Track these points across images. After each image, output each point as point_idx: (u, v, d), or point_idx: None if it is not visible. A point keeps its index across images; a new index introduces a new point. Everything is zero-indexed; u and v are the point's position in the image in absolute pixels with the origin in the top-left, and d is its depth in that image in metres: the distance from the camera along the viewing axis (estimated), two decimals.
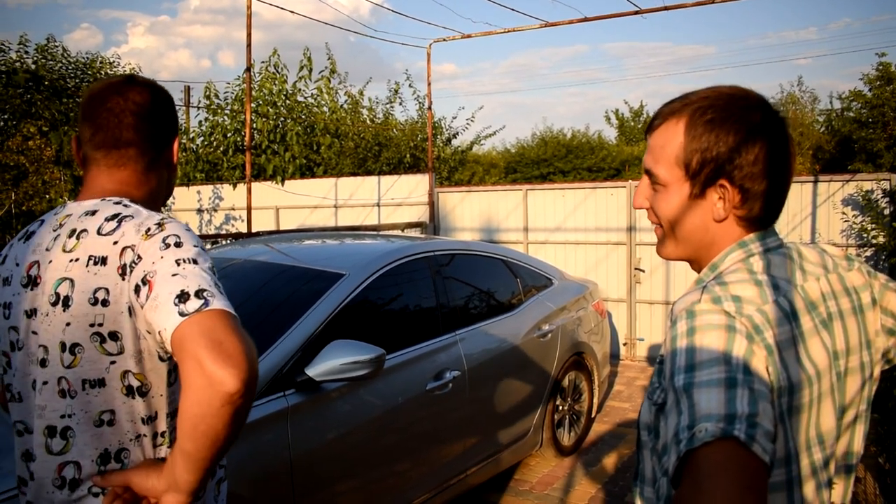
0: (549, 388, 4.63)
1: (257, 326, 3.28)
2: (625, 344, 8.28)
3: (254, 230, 8.14)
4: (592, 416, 5.36)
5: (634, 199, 1.32)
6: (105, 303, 1.34)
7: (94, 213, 1.43)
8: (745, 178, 1.17)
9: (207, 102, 15.38)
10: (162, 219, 1.40)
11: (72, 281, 1.36)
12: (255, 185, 10.82)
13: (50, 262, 1.41)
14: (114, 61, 20.42)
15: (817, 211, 7.21)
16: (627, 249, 8.17)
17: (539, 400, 4.55)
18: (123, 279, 1.34)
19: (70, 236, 1.41)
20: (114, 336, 1.35)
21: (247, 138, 7.81)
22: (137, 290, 1.31)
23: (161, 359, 1.39)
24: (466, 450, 3.88)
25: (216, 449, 1.23)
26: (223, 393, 1.18)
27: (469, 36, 9.80)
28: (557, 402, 4.82)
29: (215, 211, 12.21)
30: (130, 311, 1.34)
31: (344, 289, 3.39)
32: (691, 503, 0.92)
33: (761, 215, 1.21)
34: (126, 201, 1.46)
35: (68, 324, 1.36)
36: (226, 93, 15.98)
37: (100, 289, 1.35)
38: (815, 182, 7.24)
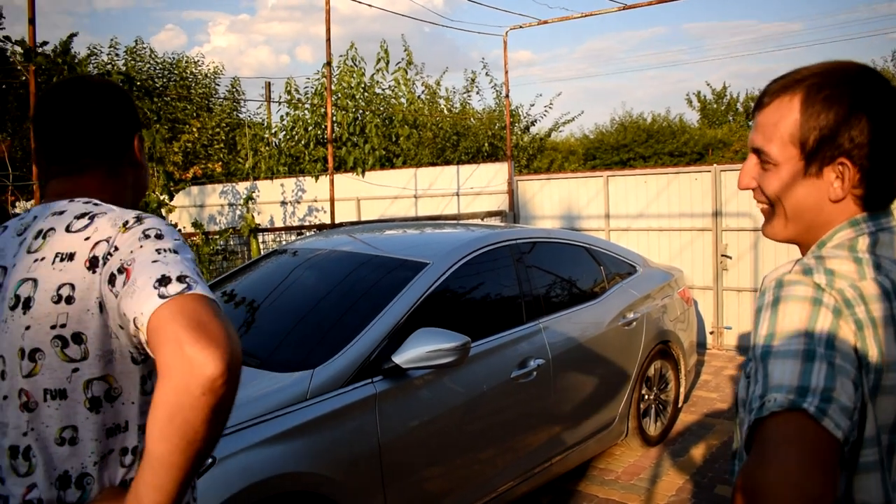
0: (635, 377, 4.57)
1: (344, 315, 3.35)
2: (711, 332, 8.08)
3: (336, 221, 8.28)
4: (679, 405, 5.26)
5: (740, 179, 1.27)
6: (70, 300, 1.24)
7: (62, 212, 1.34)
8: (865, 157, 1.12)
9: (289, 98, 15.71)
10: (140, 214, 1.32)
11: (34, 281, 1.26)
12: (337, 177, 11.01)
13: (14, 265, 1.31)
14: (197, 60, 21.12)
15: None
16: (713, 235, 7.96)
17: (624, 389, 4.49)
18: (93, 272, 1.24)
19: (36, 237, 1.32)
20: (77, 338, 1.24)
21: (328, 131, 7.94)
22: (112, 279, 1.22)
23: (135, 360, 1.28)
24: (551, 438, 3.87)
25: (192, 452, 1.08)
26: (204, 378, 1.06)
27: (545, 22, 9.71)
28: (643, 392, 4.75)
29: (298, 203, 12.47)
30: (101, 306, 1.24)
31: (428, 277, 3.42)
32: (756, 470, 0.93)
33: (880, 195, 1.16)
34: (95, 200, 1.37)
35: (28, 327, 1.25)
36: (306, 87, 16.31)
37: (64, 285, 1.24)
38: None
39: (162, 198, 7.24)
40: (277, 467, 2.55)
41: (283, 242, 7.05)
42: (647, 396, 4.82)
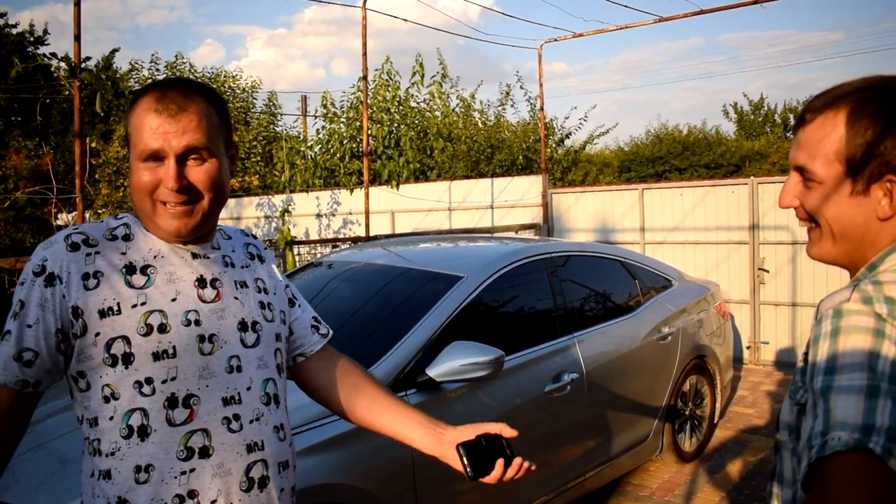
0: (670, 392, 4.53)
1: (379, 327, 3.38)
2: (748, 347, 7.97)
3: (371, 234, 8.34)
4: (715, 421, 5.20)
5: (781, 198, 1.23)
6: None
7: None
8: None
9: (324, 111, 15.88)
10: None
11: None
12: (371, 190, 11.09)
13: None
14: (236, 75, 21.47)
15: None
16: (750, 249, 7.87)
17: (659, 404, 4.45)
18: None
19: None
20: None
21: (364, 145, 8.02)
22: None
23: None
24: (585, 453, 3.85)
25: None
26: None
27: (580, 35, 9.70)
28: (678, 407, 4.70)
29: (333, 215, 12.59)
30: None
31: (462, 291, 3.43)
32: None
33: None
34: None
35: None
36: (341, 101, 16.52)
37: None
38: None
39: None
40: (312, 478, 2.57)
41: (319, 255, 7.12)
42: (682, 412, 4.77)
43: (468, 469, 1.53)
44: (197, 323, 1.41)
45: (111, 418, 1.35)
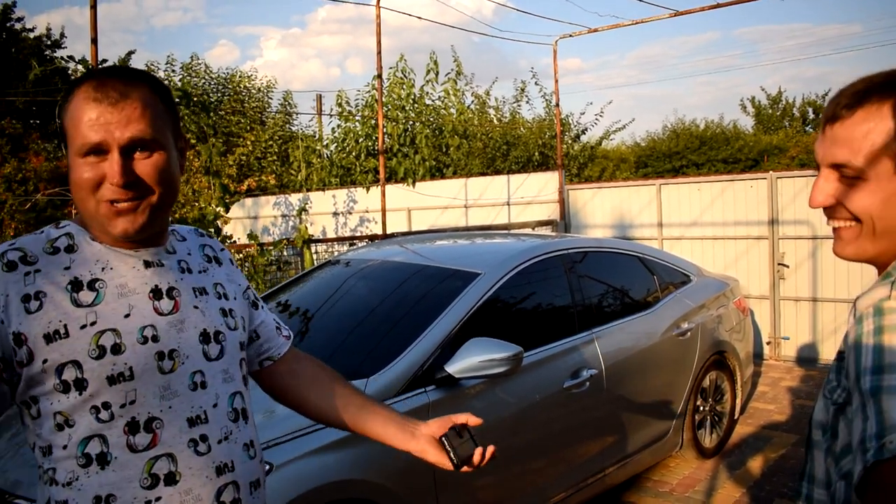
0: (690, 388, 4.50)
1: (397, 325, 3.38)
2: (768, 343, 7.91)
3: (388, 231, 8.36)
4: (735, 417, 5.17)
5: (814, 197, 1.18)
6: None
7: None
8: None
9: (340, 110, 15.92)
10: None
11: None
12: (388, 188, 11.11)
13: None
14: (251, 75, 21.57)
15: None
16: (769, 244, 7.81)
17: (679, 400, 4.43)
18: None
19: None
20: None
21: (380, 143, 8.04)
22: None
23: None
24: (604, 449, 3.84)
25: None
26: None
27: (596, 30, 9.66)
28: (698, 403, 4.68)
29: (350, 214, 12.62)
30: None
31: (480, 288, 3.43)
32: None
33: None
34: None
35: None
36: (356, 100, 16.51)
37: None
38: None
39: (218, 210, 7.41)
40: (332, 475, 2.58)
41: (336, 253, 7.14)
42: (702, 408, 4.75)
43: (454, 459, 1.55)
44: (154, 339, 1.28)
45: (65, 447, 1.23)
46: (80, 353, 1.21)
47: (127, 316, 1.26)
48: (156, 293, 1.32)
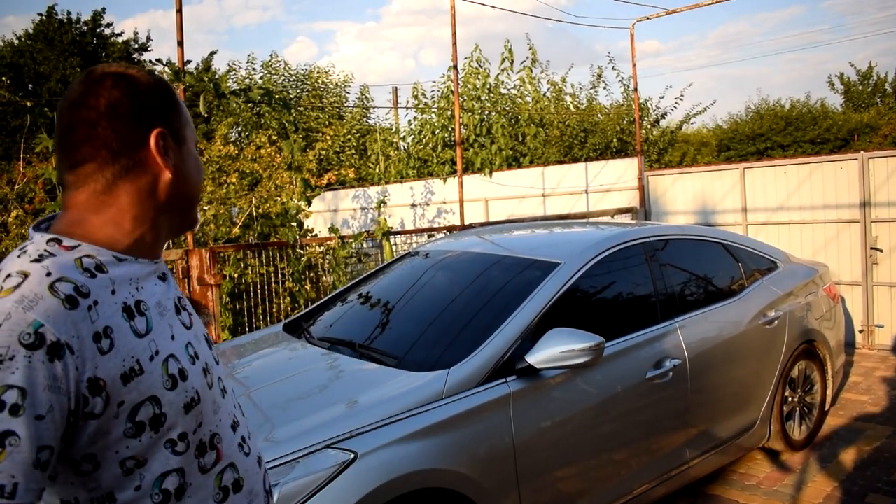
0: (777, 378, 4.38)
1: (477, 315, 3.41)
2: (861, 331, 7.61)
3: (466, 222, 8.39)
4: (826, 408, 5.00)
5: None
6: None
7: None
8: None
9: (416, 102, 16.03)
10: None
11: None
12: (465, 178, 11.16)
13: None
14: (328, 70, 21.93)
15: None
16: (861, 227, 7.49)
17: (766, 391, 4.32)
18: None
19: None
20: None
21: (457, 134, 8.06)
22: None
23: None
24: (688, 440, 3.78)
25: None
26: None
27: (674, 11, 9.45)
28: (786, 394, 4.55)
29: (427, 205, 12.71)
30: None
31: (560, 277, 3.42)
32: None
33: None
34: (42, 242, 1.11)
35: None
36: (432, 91, 16.60)
37: None
38: None
39: (300, 204, 7.59)
40: (415, 464, 2.63)
41: (414, 244, 7.22)
42: (790, 399, 4.61)
43: None
44: (196, 356, 1.23)
45: (137, 488, 1.12)
46: (157, 387, 1.12)
47: (172, 338, 1.20)
48: (177, 308, 1.27)
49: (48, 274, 1.04)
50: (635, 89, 10.54)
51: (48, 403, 0.98)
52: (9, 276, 1.04)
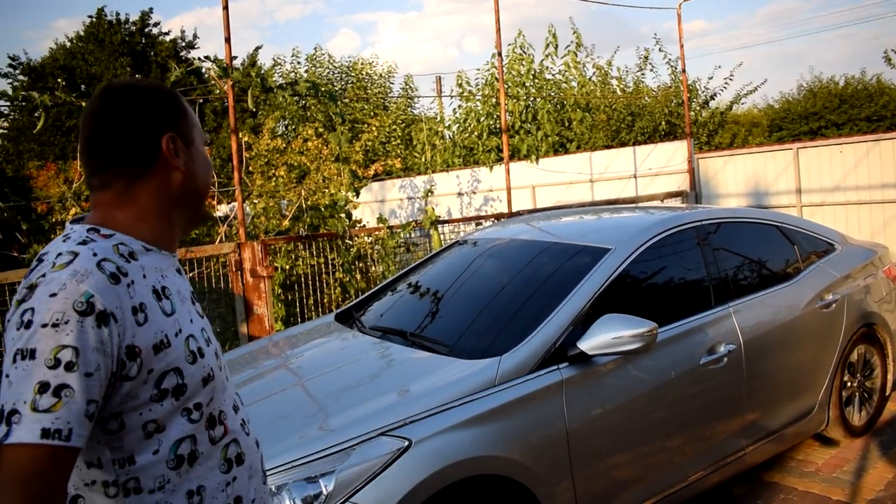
0: (836, 362, 4.29)
1: (527, 302, 3.41)
2: None
3: (513, 209, 8.37)
4: (887, 393, 4.87)
5: None
6: None
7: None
8: None
9: (460, 90, 16.00)
10: (41, 276, 1.18)
11: None
12: (511, 166, 11.12)
13: None
14: (372, 61, 22.02)
15: None
16: None
17: (824, 375, 4.23)
18: None
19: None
20: None
21: (502, 121, 8.04)
22: None
23: None
24: (744, 427, 3.73)
25: None
26: None
27: None
28: (845, 378, 4.45)
29: (474, 193, 12.71)
30: None
31: (611, 263, 3.40)
32: None
33: None
34: (83, 230, 1.29)
35: None
36: (476, 79, 16.56)
37: None
38: None
39: (348, 195, 7.66)
40: (468, 451, 2.64)
41: (462, 233, 7.23)
42: (849, 384, 4.51)
43: None
44: (209, 341, 1.41)
45: (156, 451, 1.27)
46: (181, 360, 1.29)
47: (191, 321, 1.37)
48: (192, 298, 1.45)
49: (94, 254, 1.22)
50: (683, 70, 10.37)
51: (96, 363, 1.15)
52: (60, 254, 1.21)
